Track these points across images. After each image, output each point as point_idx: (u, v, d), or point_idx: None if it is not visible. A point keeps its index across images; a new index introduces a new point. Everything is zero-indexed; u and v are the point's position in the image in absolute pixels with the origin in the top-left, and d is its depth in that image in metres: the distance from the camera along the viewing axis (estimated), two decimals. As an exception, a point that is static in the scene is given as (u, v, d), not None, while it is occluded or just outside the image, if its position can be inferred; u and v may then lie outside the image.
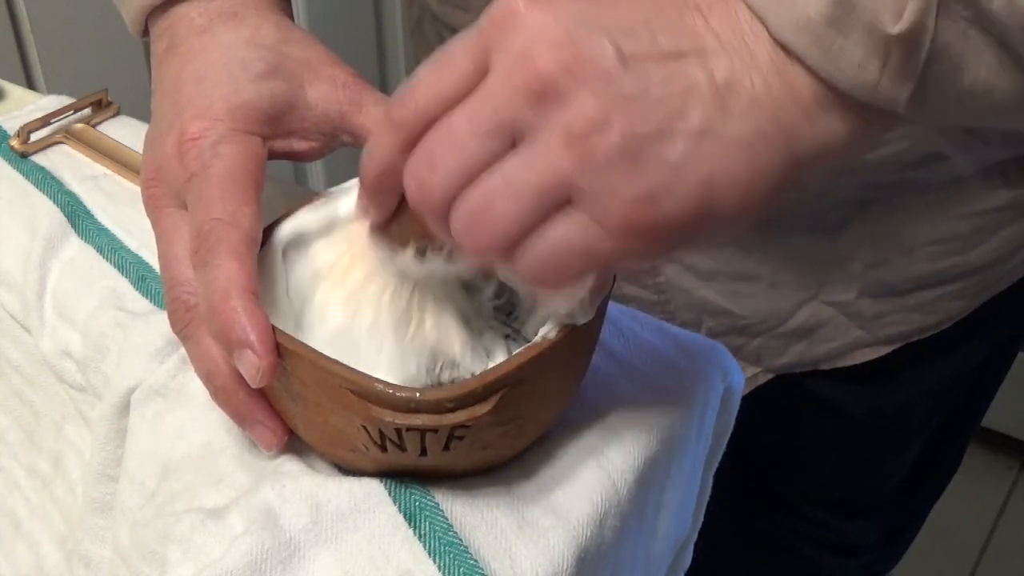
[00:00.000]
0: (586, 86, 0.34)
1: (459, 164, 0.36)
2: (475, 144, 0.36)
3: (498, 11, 0.36)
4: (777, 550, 0.89)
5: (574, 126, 0.34)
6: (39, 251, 0.54)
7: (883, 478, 0.83)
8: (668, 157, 0.34)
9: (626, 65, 0.35)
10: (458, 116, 0.36)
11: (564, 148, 0.35)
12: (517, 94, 0.35)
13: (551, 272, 0.37)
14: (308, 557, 0.39)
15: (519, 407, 0.39)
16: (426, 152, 0.37)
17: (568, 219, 0.36)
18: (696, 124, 0.35)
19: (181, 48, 0.48)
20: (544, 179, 0.35)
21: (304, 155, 0.48)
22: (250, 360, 0.39)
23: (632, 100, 0.34)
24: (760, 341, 0.70)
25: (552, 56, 0.34)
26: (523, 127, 0.35)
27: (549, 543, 0.40)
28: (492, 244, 0.36)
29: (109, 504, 0.49)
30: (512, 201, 0.36)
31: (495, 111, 0.36)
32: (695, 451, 0.50)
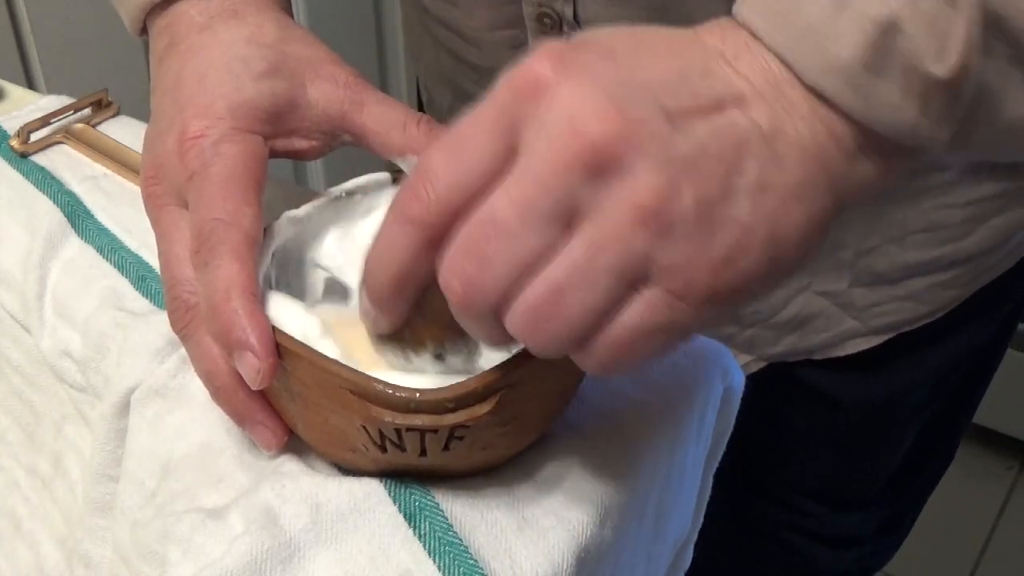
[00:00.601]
0: (643, 154, 0.32)
1: (514, 258, 0.33)
2: (529, 233, 0.33)
3: (521, 81, 0.33)
4: (771, 543, 0.89)
5: (643, 199, 0.32)
6: (39, 251, 0.54)
7: (876, 469, 0.83)
8: (737, 216, 0.33)
9: (675, 125, 0.33)
10: (501, 203, 0.33)
11: (636, 224, 0.32)
12: (570, 171, 0.32)
13: (628, 355, 0.34)
14: (308, 557, 0.39)
15: (519, 407, 0.39)
16: (471, 249, 0.33)
17: (647, 300, 0.33)
18: (754, 178, 0.33)
19: (181, 46, 0.47)
20: (619, 262, 0.32)
21: (305, 154, 0.48)
22: (250, 362, 0.39)
23: (692, 162, 0.32)
24: (753, 331, 0.70)
25: (602, 126, 0.32)
26: (580, 206, 0.32)
27: (549, 543, 0.40)
28: (563, 340, 0.34)
29: (109, 504, 0.49)
30: (585, 291, 0.33)
31: (548, 193, 0.32)
32: (695, 451, 0.50)
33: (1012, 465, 1.68)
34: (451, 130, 0.34)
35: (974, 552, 1.58)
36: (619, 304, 0.33)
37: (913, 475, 0.85)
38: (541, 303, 0.33)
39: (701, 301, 0.33)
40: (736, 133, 0.33)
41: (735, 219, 0.33)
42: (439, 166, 0.34)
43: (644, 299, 0.33)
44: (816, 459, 0.82)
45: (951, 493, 0.94)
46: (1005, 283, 0.71)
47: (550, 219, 0.33)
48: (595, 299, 0.33)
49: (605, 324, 0.34)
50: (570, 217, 0.33)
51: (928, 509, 0.93)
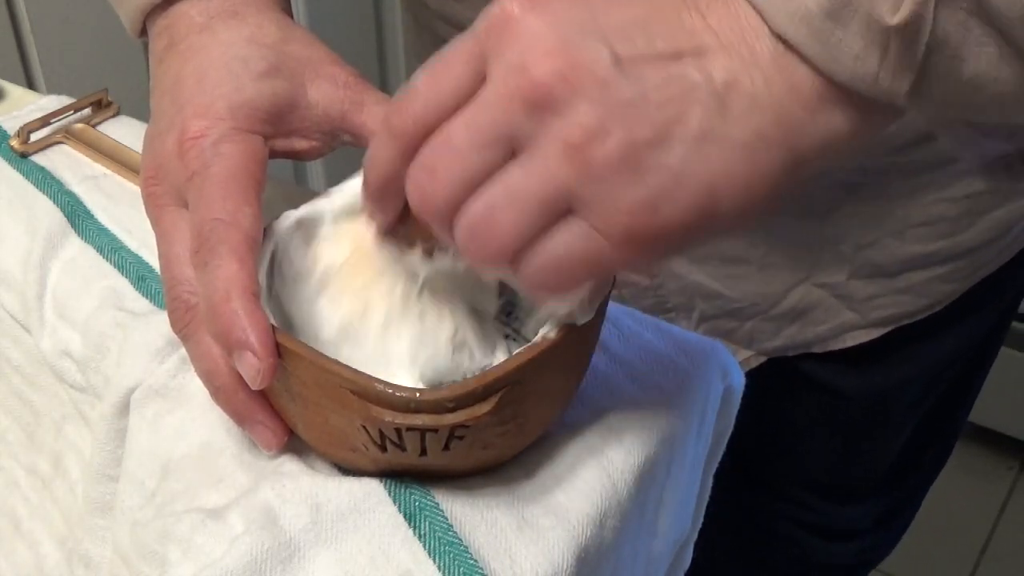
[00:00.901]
0: (582, 94, 0.34)
1: (459, 174, 0.36)
2: (474, 154, 0.36)
3: (494, 15, 0.36)
4: (770, 537, 0.89)
5: (572, 136, 0.34)
6: (39, 251, 0.54)
7: (875, 462, 0.83)
8: (668, 163, 0.34)
9: (622, 70, 0.34)
10: (456, 126, 0.36)
11: (563, 158, 0.35)
12: (514, 104, 0.35)
13: (553, 280, 0.37)
14: (308, 557, 0.39)
15: (519, 407, 0.39)
16: (426, 162, 0.37)
17: (569, 228, 0.36)
18: (695, 128, 0.34)
19: (181, 46, 0.47)
20: (544, 190, 0.35)
21: (305, 154, 0.48)
22: (250, 362, 0.39)
23: (629, 106, 0.34)
24: (752, 324, 0.70)
25: (548, 65, 0.34)
26: (522, 137, 0.35)
27: (549, 543, 0.40)
28: (495, 254, 0.37)
29: (109, 504, 0.48)
30: (513, 212, 0.36)
31: (493, 121, 0.35)
32: (695, 451, 0.50)
33: (1012, 465, 1.68)
34: (439, 55, 0.38)
35: (974, 552, 1.58)
36: (547, 230, 0.36)
37: (912, 467, 0.85)
38: (477, 218, 0.36)
39: (620, 239, 0.35)
40: (685, 84, 0.34)
41: (664, 165, 0.34)
42: (421, 86, 0.37)
43: (568, 228, 0.36)
44: (815, 452, 0.82)
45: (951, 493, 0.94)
46: (1003, 276, 0.72)
47: (492, 144, 0.36)
48: (524, 222, 0.36)
49: (535, 246, 0.36)
50: (512, 145, 0.36)
51: (928, 509, 0.93)
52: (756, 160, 0.35)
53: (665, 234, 0.35)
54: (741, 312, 0.70)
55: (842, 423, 0.79)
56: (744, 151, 0.35)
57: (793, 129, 0.35)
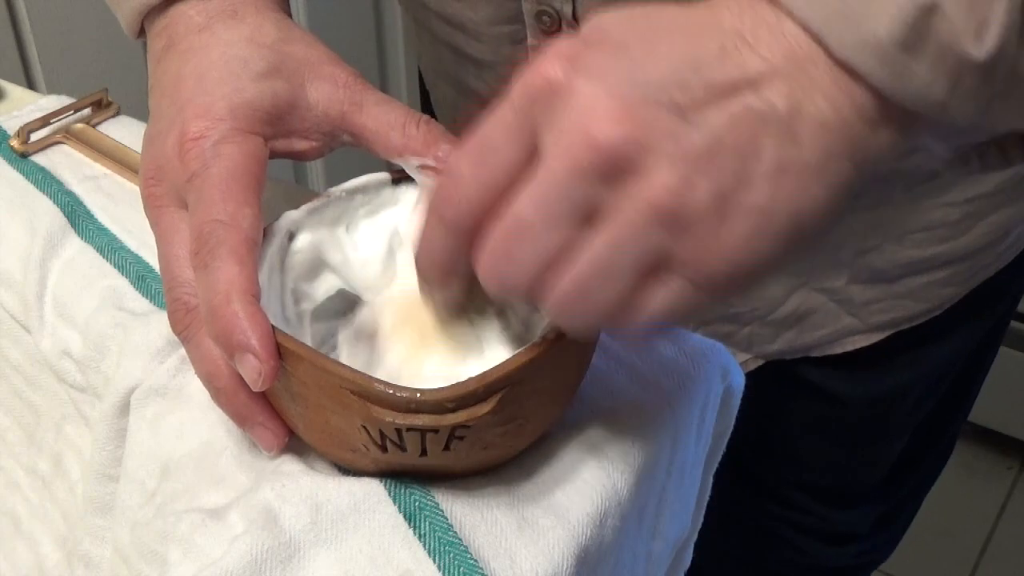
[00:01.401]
0: (656, 152, 0.33)
1: (540, 256, 0.35)
2: (551, 233, 0.35)
3: (536, 83, 0.34)
4: (769, 540, 0.89)
5: (658, 198, 0.33)
6: (39, 251, 0.54)
7: (873, 464, 0.83)
8: (756, 203, 0.34)
9: (687, 119, 0.33)
10: (524, 205, 0.35)
11: (652, 221, 0.34)
12: (586, 175, 0.34)
13: (651, 336, 0.38)
14: (308, 557, 0.39)
15: (519, 407, 0.39)
16: (501, 250, 0.36)
17: (667, 286, 0.35)
18: (773, 162, 0.33)
19: (180, 46, 0.47)
20: (637, 257, 0.34)
21: (305, 154, 0.48)
22: (251, 364, 0.39)
23: (705, 155, 0.33)
24: (751, 328, 0.70)
25: (614, 130, 0.33)
26: (599, 206, 0.34)
27: (549, 543, 0.40)
28: (592, 324, 0.37)
29: (109, 504, 0.49)
30: (608, 284, 0.35)
31: (566, 196, 0.34)
32: (695, 451, 0.50)
33: (1012, 465, 1.68)
34: (475, 133, 0.36)
35: (974, 552, 1.58)
36: (642, 289, 0.35)
37: (910, 470, 0.85)
38: (568, 295, 0.36)
39: (720, 287, 0.35)
40: (751, 118, 0.33)
41: (753, 205, 0.34)
42: (466, 170, 0.36)
43: (665, 286, 0.35)
44: (814, 456, 0.82)
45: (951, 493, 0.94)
46: (1002, 280, 0.72)
47: (570, 219, 0.35)
48: (618, 289, 0.35)
49: (631, 308, 0.36)
50: (590, 215, 0.35)
51: (928, 509, 0.93)
52: (831, 179, 0.34)
53: (763, 270, 0.35)
54: (739, 317, 0.70)
55: (841, 428, 0.79)
56: (820, 173, 0.34)
57: (857, 144, 0.34)
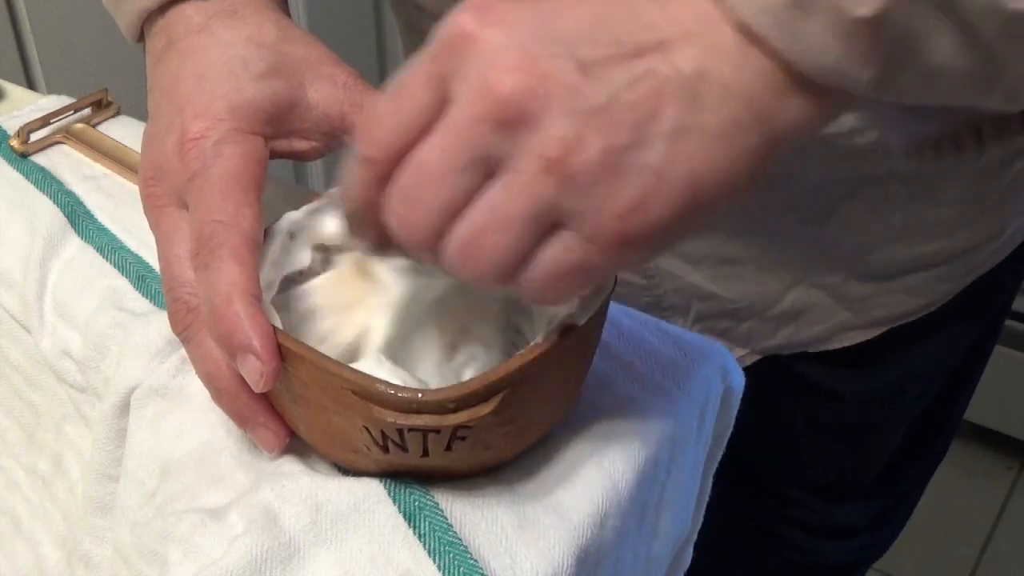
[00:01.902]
0: (553, 106, 0.34)
1: (439, 202, 0.36)
2: (452, 180, 0.35)
3: (449, 34, 0.35)
4: (767, 537, 0.89)
5: (549, 150, 0.34)
6: (39, 251, 0.54)
7: (869, 459, 0.83)
8: (650, 163, 0.34)
9: (589, 75, 0.34)
10: (429, 152, 0.36)
11: (543, 174, 0.34)
12: (484, 125, 0.34)
13: (551, 292, 0.37)
14: (308, 557, 0.39)
15: (521, 407, 0.39)
16: (403, 192, 0.37)
17: (561, 241, 0.35)
18: (672, 124, 0.34)
19: (180, 46, 0.47)
20: (529, 207, 0.35)
21: (305, 155, 0.48)
22: (253, 365, 0.39)
23: (602, 112, 0.34)
24: (749, 324, 0.71)
25: (513, 81, 0.34)
26: (497, 155, 0.35)
27: (549, 543, 0.40)
28: (490, 275, 0.36)
29: (109, 504, 0.49)
30: (501, 233, 0.35)
31: (466, 145, 0.35)
32: (695, 451, 0.50)
33: (1012, 465, 1.68)
34: (398, 78, 0.37)
35: (974, 552, 1.58)
36: (538, 244, 0.36)
37: (907, 465, 0.85)
38: (465, 243, 0.36)
39: (612, 245, 0.35)
40: (654, 80, 0.34)
41: (646, 165, 0.34)
42: (384, 112, 0.37)
43: (559, 241, 0.35)
44: (810, 453, 0.83)
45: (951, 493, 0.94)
46: (998, 275, 0.72)
47: (469, 167, 0.35)
48: (512, 240, 0.35)
49: (528, 262, 0.36)
50: (489, 164, 0.35)
51: (928, 509, 0.93)
52: (734, 147, 0.35)
53: (656, 232, 0.35)
54: (737, 313, 0.70)
55: (837, 424, 0.79)
56: (722, 140, 0.34)
57: (766, 114, 0.35)
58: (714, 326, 0.71)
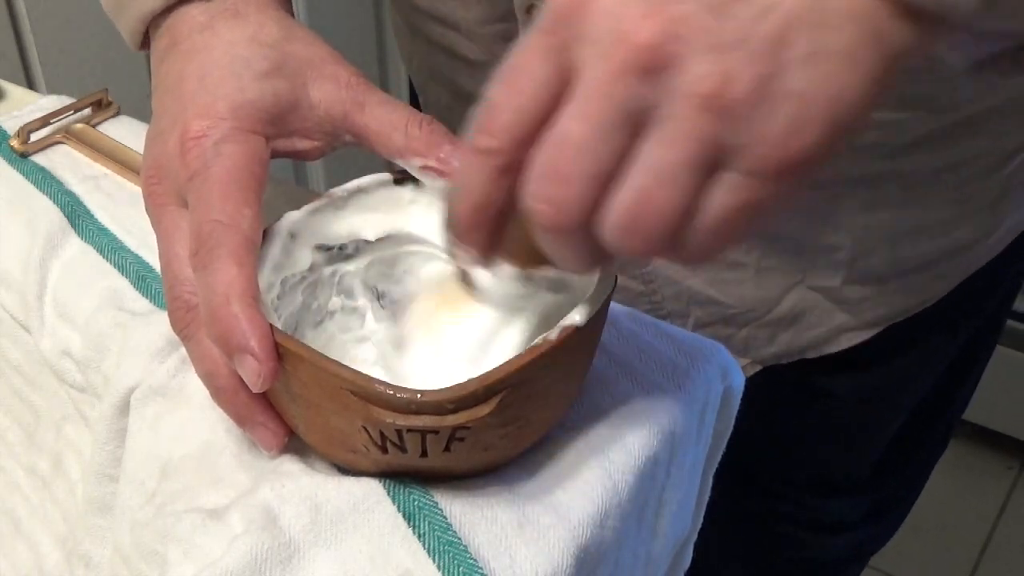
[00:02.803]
0: (694, 45, 0.33)
1: (592, 171, 0.34)
2: (602, 145, 0.34)
3: (560, 3, 0.34)
4: (763, 532, 0.89)
5: (704, 87, 0.33)
6: (39, 251, 0.54)
7: (862, 455, 0.83)
8: (795, 88, 0.33)
9: (716, 13, 0.33)
10: (570, 122, 0.34)
11: (700, 112, 0.33)
12: (628, 78, 0.33)
13: (720, 240, 0.35)
14: (308, 557, 0.39)
15: (520, 408, 0.39)
16: (549, 170, 0.35)
17: (725, 184, 0.34)
18: (803, 49, 0.33)
19: (183, 45, 0.47)
20: (692, 152, 0.34)
21: (307, 154, 0.48)
22: (251, 366, 0.39)
23: (741, 44, 0.33)
24: (747, 331, 0.71)
25: (650, 27, 0.33)
26: (645, 108, 0.34)
27: (549, 542, 0.40)
28: (660, 238, 0.35)
29: (109, 504, 0.49)
30: (668, 188, 0.34)
31: (612, 103, 0.34)
32: (695, 451, 0.50)
33: (1012, 465, 1.68)
34: (507, 63, 0.36)
35: (974, 552, 1.58)
36: (703, 194, 0.34)
37: (902, 460, 0.85)
38: (630, 210, 0.34)
39: (777, 174, 0.34)
40: (780, 10, 0.33)
41: (793, 91, 0.33)
42: (500, 98, 0.35)
43: (724, 183, 0.34)
44: (805, 449, 0.83)
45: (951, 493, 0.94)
46: (993, 270, 0.72)
47: (619, 126, 0.34)
48: (679, 194, 0.34)
49: (694, 215, 0.35)
50: (639, 121, 0.34)
51: (928, 509, 0.93)
52: (860, 66, 0.34)
53: (814, 156, 0.34)
54: (736, 319, 0.70)
55: (836, 424, 0.80)
56: (849, 60, 0.34)
57: (880, 35, 0.34)
58: (714, 334, 0.71)
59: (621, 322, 0.50)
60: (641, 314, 0.51)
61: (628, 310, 0.51)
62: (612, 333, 0.49)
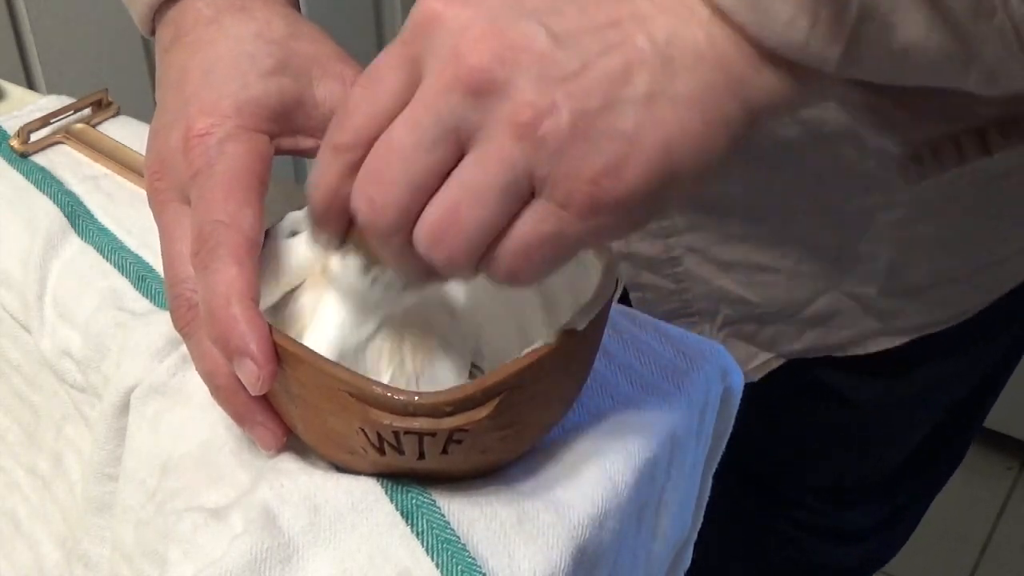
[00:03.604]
0: (523, 72, 0.33)
1: (410, 178, 0.35)
2: (422, 155, 0.35)
3: (418, 15, 0.35)
4: (772, 538, 0.88)
5: (520, 115, 0.34)
6: (39, 251, 0.54)
7: (879, 465, 0.82)
8: (621, 128, 0.34)
9: (559, 43, 0.34)
10: (398, 129, 0.35)
11: (515, 140, 0.34)
12: (454, 95, 0.34)
13: (525, 267, 0.36)
14: (307, 557, 0.39)
15: (518, 412, 0.39)
16: (372, 171, 0.36)
17: (534, 211, 0.35)
18: (643, 89, 0.34)
19: (188, 39, 0.47)
20: (503, 176, 0.34)
21: (310, 152, 0.47)
22: (250, 369, 0.39)
23: (573, 77, 0.33)
24: (775, 328, 0.70)
25: (482, 48, 0.34)
26: (468, 127, 0.34)
27: (548, 541, 0.40)
28: (463, 254, 0.36)
29: (108, 503, 0.49)
30: (476, 206, 0.35)
31: (436, 117, 0.34)
32: (695, 451, 0.50)
33: (1012, 465, 1.68)
34: (369, 67, 0.37)
35: (974, 552, 1.58)
36: (512, 217, 0.35)
37: (917, 472, 0.84)
38: (439, 221, 0.35)
39: (586, 211, 0.34)
40: (627, 47, 0.34)
41: (618, 130, 0.34)
42: (357, 99, 0.37)
43: (533, 211, 0.35)
44: (824, 459, 0.81)
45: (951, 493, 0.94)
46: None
47: (439, 141, 0.35)
48: (488, 214, 0.35)
49: (502, 237, 0.35)
50: (460, 138, 0.35)
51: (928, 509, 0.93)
52: (708, 112, 0.34)
53: (629, 199, 0.35)
54: (765, 317, 0.69)
55: (850, 429, 0.78)
56: (695, 105, 0.34)
57: (741, 82, 0.34)
58: (741, 331, 0.70)
59: (620, 323, 0.50)
60: (640, 315, 0.51)
61: (627, 311, 0.51)
62: (611, 334, 0.49)
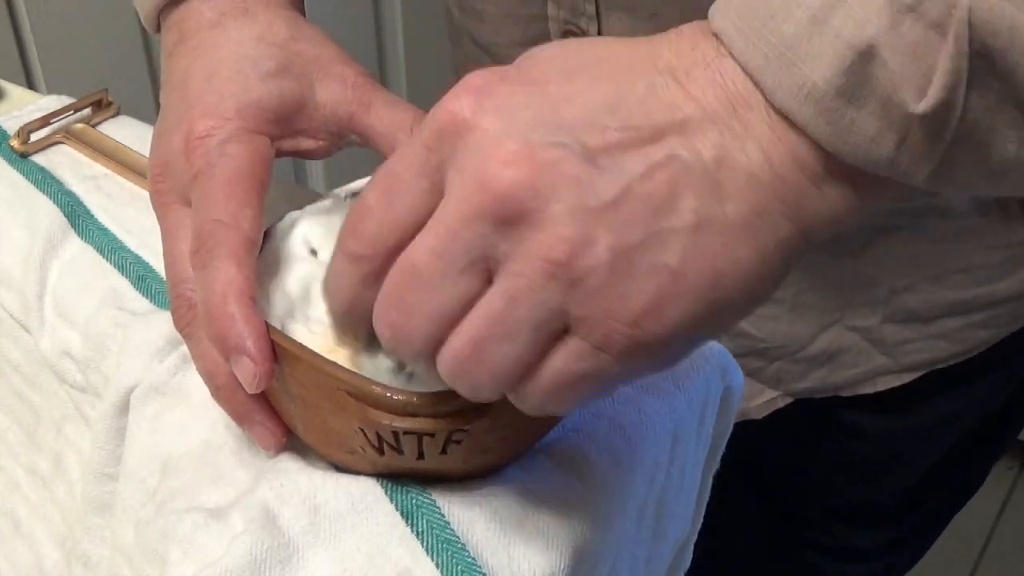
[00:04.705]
0: (556, 201, 0.30)
1: (435, 309, 0.33)
2: (448, 285, 0.32)
3: (442, 120, 0.32)
4: (780, 555, 0.88)
5: (553, 252, 0.30)
6: (39, 251, 0.54)
7: (890, 490, 0.81)
8: (665, 262, 0.31)
9: (597, 165, 0.30)
10: (422, 254, 0.33)
11: (547, 279, 0.31)
12: (482, 224, 0.31)
13: (557, 403, 0.34)
14: (307, 558, 0.39)
15: (517, 412, 0.39)
16: (395, 297, 0.34)
17: (568, 349, 0.32)
18: (690, 218, 0.30)
19: (191, 42, 0.47)
20: (532, 315, 0.31)
21: (311, 154, 0.47)
22: (247, 367, 0.39)
23: (612, 206, 0.30)
24: (779, 365, 0.68)
25: (511, 175, 0.30)
26: (497, 256, 0.32)
27: (548, 541, 0.40)
28: (489, 387, 0.34)
29: (108, 503, 0.49)
30: (504, 343, 0.32)
31: (461, 246, 0.32)
32: (695, 451, 0.50)
33: (1012, 465, 1.68)
34: (386, 165, 0.35)
35: (974, 552, 1.58)
36: (544, 352, 0.33)
37: (930, 496, 0.82)
38: (464, 353, 0.33)
39: (626, 353, 0.32)
40: (672, 167, 0.31)
41: (661, 265, 0.31)
42: (373, 204, 0.34)
43: (567, 348, 0.32)
44: (835, 486, 0.80)
45: (951, 493, 0.94)
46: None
47: (466, 270, 0.32)
48: (516, 350, 0.32)
49: (533, 371, 0.33)
50: (488, 266, 0.32)
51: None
52: (760, 239, 0.31)
53: (671, 337, 0.32)
54: (768, 352, 0.68)
55: (868, 463, 0.77)
56: (746, 232, 0.31)
57: (799, 202, 0.31)
58: (744, 365, 0.69)
59: (620, 322, 0.50)
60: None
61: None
62: (611, 333, 0.49)
